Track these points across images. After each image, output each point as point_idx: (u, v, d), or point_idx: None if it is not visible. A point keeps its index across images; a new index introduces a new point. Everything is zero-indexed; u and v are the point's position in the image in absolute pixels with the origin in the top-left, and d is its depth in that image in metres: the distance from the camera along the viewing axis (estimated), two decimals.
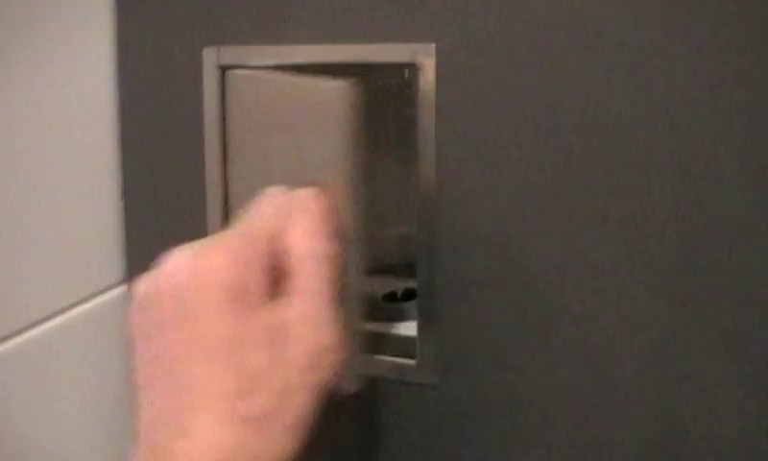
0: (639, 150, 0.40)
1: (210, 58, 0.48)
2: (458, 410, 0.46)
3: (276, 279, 0.33)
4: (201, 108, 0.48)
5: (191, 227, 0.49)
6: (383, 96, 0.49)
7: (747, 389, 0.40)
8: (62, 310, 0.48)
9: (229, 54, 0.47)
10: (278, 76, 0.39)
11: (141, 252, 0.50)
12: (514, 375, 0.44)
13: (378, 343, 0.48)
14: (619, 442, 0.43)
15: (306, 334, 0.33)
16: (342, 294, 0.36)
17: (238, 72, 0.40)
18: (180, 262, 0.32)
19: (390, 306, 0.52)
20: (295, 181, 0.37)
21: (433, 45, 0.43)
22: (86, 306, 0.49)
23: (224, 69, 0.47)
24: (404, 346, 0.45)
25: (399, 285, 0.54)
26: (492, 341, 0.44)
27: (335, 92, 0.37)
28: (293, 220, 0.35)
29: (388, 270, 0.55)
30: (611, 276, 0.41)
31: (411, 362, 0.45)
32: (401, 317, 0.50)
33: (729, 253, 0.39)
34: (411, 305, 0.46)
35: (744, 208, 0.39)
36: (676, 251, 0.40)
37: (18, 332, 0.44)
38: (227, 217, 0.47)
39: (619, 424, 0.42)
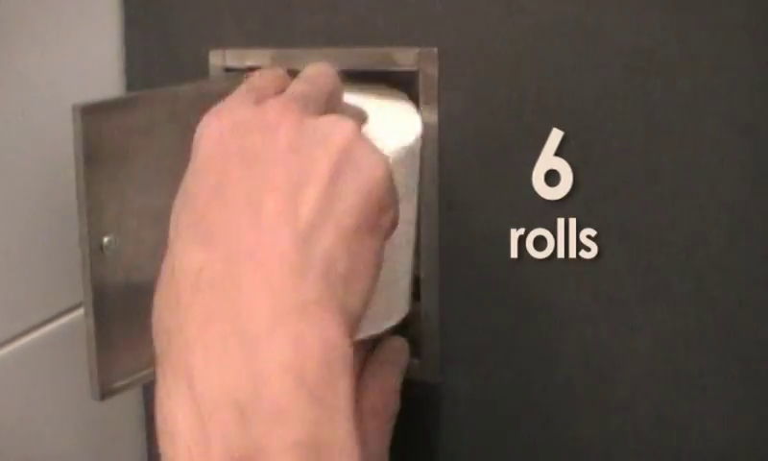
0: (638, 153, 0.40)
1: (216, 60, 0.48)
2: (461, 409, 0.46)
3: None
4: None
5: None
6: None
7: (748, 391, 0.41)
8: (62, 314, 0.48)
9: (236, 57, 0.48)
10: None
11: None
12: (516, 375, 0.45)
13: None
14: (621, 442, 0.43)
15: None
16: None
17: None
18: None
19: None
20: None
21: (435, 49, 0.43)
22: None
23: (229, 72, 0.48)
24: (408, 345, 0.46)
25: None
26: (494, 341, 0.45)
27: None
28: None
29: None
30: (612, 277, 0.42)
31: (415, 361, 0.46)
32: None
33: (728, 255, 0.40)
34: (415, 305, 0.46)
35: (743, 211, 0.39)
36: (676, 253, 0.40)
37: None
38: None
39: (620, 425, 0.43)
